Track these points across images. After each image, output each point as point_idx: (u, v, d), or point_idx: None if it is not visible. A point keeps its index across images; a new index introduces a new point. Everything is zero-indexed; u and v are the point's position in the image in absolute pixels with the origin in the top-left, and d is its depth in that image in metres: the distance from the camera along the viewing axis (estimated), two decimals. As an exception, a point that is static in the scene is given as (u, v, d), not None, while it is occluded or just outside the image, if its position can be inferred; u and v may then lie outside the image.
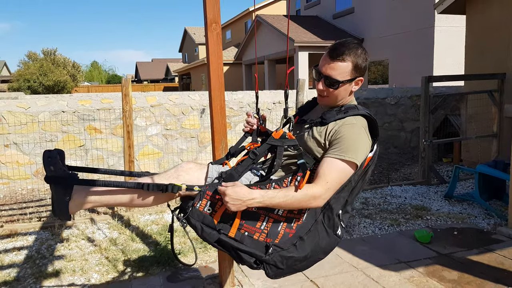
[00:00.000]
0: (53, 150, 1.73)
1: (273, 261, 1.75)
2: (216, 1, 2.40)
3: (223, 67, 2.46)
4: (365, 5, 14.59)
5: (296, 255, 1.76)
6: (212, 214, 1.72)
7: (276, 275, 1.81)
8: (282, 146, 1.76)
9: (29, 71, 22.62)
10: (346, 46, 1.75)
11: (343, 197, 1.79)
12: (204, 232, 1.73)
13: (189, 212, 1.73)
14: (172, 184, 1.70)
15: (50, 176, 1.70)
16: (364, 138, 1.75)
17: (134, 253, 3.56)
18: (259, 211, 1.72)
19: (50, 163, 1.70)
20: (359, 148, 1.71)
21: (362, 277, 3.07)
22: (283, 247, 1.75)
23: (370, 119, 1.81)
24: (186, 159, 6.86)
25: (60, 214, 1.74)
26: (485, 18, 6.24)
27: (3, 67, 42.22)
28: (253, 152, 1.77)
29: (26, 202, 5.31)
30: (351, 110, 1.79)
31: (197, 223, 1.73)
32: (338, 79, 1.75)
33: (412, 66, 12.16)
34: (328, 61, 1.76)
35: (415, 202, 4.91)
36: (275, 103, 7.19)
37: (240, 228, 1.72)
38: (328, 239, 1.82)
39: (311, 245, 1.78)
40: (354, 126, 1.73)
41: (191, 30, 37.93)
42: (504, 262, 3.26)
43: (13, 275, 3.22)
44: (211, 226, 1.72)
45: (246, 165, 1.77)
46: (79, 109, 6.20)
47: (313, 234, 1.78)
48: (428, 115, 5.64)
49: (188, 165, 1.86)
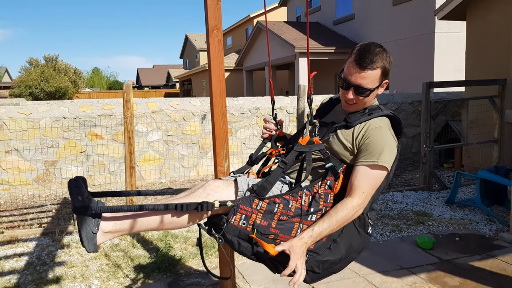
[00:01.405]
0: (78, 179, 1.65)
1: (310, 266, 1.74)
2: (217, 7, 2.41)
3: (224, 73, 2.47)
4: (366, 12, 14.66)
5: (332, 258, 1.76)
6: (248, 227, 1.70)
7: (313, 280, 1.81)
8: (310, 152, 1.75)
9: (31, 77, 22.70)
10: (373, 52, 1.73)
11: (372, 197, 1.81)
12: (241, 246, 1.72)
13: (224, 228, 1.71)
14: (206, 202, 1.66)
15: (79, 207, 1.59)
16: (392, 140, 1.77)
17: (135, 259, 3.55)
18: (293, 219, 1.71)
19: (78, 193, 1.60)
20: (388, 152, 1.73)
21: (364, 284, 3.05)
22: (318, 252, 1.74)
23: (394, 118, 1.84)
24: (187, 165, 6.86)
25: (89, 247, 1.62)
26: (485, 24, 6.26)
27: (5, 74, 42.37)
28: (282, 161, 1.76)
29: (27, 208, 5.30)
30: (375, 111, 1.80)
31: (233, 238, 1.71)
32: (369, 87, 1.76)
33: (412, 72, 12.17)
34: (358, 70, 1.74)
35: (416, 208, 4.89)
36: (276, 109, 7.20)
37: (275, 239, 1.71)
38: (360, 238, 1.83)
39: (345, 247, 1.78)
40: (381, 129, 1.75)
41: (192, 37, 38.09)
42: (507, 268, 3.25)
43: (13, 281, 3.20)
44: (248, 240, 1.71)
45: (277, 174, 1.75)
46: (80, 115, 6.21)
47: (346, 236, 1.78)
48: (429, 120, 5.64)
49: (216, 183, 1.80)
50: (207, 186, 1.78)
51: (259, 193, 1.71)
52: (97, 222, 1.62)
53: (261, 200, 1.71)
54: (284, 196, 1.72)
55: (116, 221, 1.68)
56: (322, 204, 1.73)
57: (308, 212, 1.72)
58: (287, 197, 1.72)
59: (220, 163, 2.55)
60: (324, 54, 15.00)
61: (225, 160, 2.56)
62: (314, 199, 1.73)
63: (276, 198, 1.72)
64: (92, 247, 1.61)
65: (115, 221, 1.68)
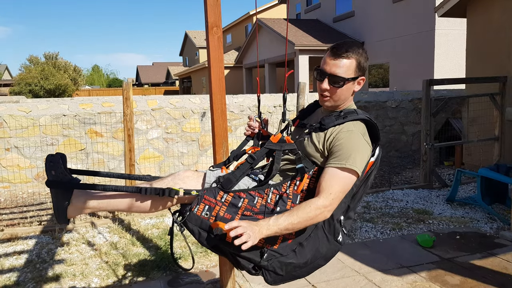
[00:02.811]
0: (56, 155, 1.73)
1: (272, 267, 1.73)
2: (217, 5, 2.39)
3: (224, 70, 2.46)
4: (365, 9, 14.61)
5: (296, 261, 1.74)
6: (210, 218, 1.70)
7: (275, 281, 1.79)
8: (280, 150, 1.74)
9: (31, 75, 22.67)
10: (349, 44, 1.75)
11: (344, 203, 1.77)
12: (201, 236, 1.72)
13: (186, 217, 1.71)
14: (170, 188, 1.69)
15: (51, 181, 1.70)
16: (363, 145, 1.72)
17: (134, 257, 3.54)
18: (257, 216, 1.70)
19: (52, 168, 1.70)
20: (358, 155, 1.69)
21: (364, 282, 3.05)
22: (282, 253, 1.72)
23: (370, 123, 1.79)
24: (187, 162, 6.85)
25: (59, 219, 1.75)
26: (486, 21, 6.24)
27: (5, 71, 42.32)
28: (250, 156, 1.76)
29: (27, 206, 5.29)
30: (350, 115, 1.77)
31: (194, 228, 1.72)
32: (343, 76, 1.74)
33: (412, 69, 12.16)
34: (332, 58, 1.75)
35: (417, 206, 4.89)
36: (276, 107, 7.18)
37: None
38: (328, 245, 1.79)
39: (311, 251, 1.76)
40: (352, 133, 1.71)
41: (192, 34, 38.01)
42: (508, 267, 3.24)
43: (13, 279, 3.20)
44: (209, 231, 1.71)
45: (244, 169, 1.75)
46: (80, 113, 6.20)
47: (313, 240, 1.75)
48: (430, 118, 5.63)
49: (186, 173, 1.82)
50: (177, 175, 1.82)
51: (225, 185, 1.71)
52: (69, 196, 1.72)
53: (226, 193, 1.71)
54: (250, 192, 1.71)
55: (86, 197, 1.76)
56: (290, 205, 1.71)
57: (273, 210, 1.70)
58: (253, 193, 1.71)
59: (219, 161, 2.54)
60: (324, 52, 14.90)
61: (225, 157, 2.55)
62: (281, 199, 1.71)
63: (241, 193, 1.71)
64: (63, 219, 1.74)
65: (86, 197, 1.76)
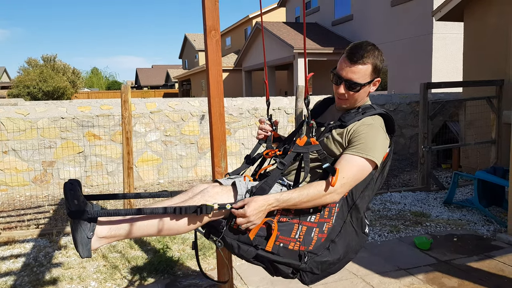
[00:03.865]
0: (74, 182, 1.59)
1: (310, 268, 1.74)
2: (215, 8, 2.41)
3: (222, 74, 2.47)
4: (364, 13, 14.67)
5: (330, 259, 1.76)
6: (247, 230, 1.69)
7: (312, 281, 1.81)
8: (307, 152, 1.75)
9: (29, 77, 22.65)
10: (364, 48, 1.77)
11: (368, 196, 1.81)
12: (241, 249, 1.70)
13: (224, 232, 1.69)
14: (205, 205, 1.63)
15: (75, 211, 1.54)
16: (382, 137, 1.77)
17: (132, 261, 3.54)
18: (293, 221, 1.71)
19: (74, 197, 1.54)
20: (378, 147, 1.73)
21: (362, 285, 3.05)
22: (317, 253, 1.74)
23: (387, 116, 1.84)
24: (186, 165, 6.85)
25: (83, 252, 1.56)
26: (483, 24, 6.27)
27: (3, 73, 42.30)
28: (280, 162, 1.75)
29: (24, 209, 5.29)
30: (369, 110, 1.82)
31: (233, 242, 1.70)
32: (359, 82, 1.77)
33: (410, 73, 12.19)
34: (348, 64, 1.77)
35: (414, 208, 4.90)
36: (275, 110, 7.20)
37: (275, 241, 1.70)
38: (357, 238, 1.83)
39: (343, 247, 1.78)
40: (372, 126, 1.76)
41: (191, 37, 38.07)
42: (504, 269, 3.25)
43: (10, 283, 3.19)
44: (247, 242, 1.70)
45: (276, 176, 1.74)
46: (79, 116, 6.20)
47: (344, 236, 1.78)
48: (427, 121, 5.65)
49: (214, 190, 1.76)
50: (206, 192, 1.73)
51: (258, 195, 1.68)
52: (93, 226, 1.57)
53: None
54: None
55: (111, 226, 1.63)
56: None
57: (307, 212, 1.71)
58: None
59: (218, 164, 2.55)
60: (323, 55, 15.01)
61: (223, 160, 2.56)
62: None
63: None
64: (87, 253, 1.56)
65: (111, 226, 1.63)
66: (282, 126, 7.08)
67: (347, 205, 1.77)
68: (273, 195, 1.65)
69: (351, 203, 1.77)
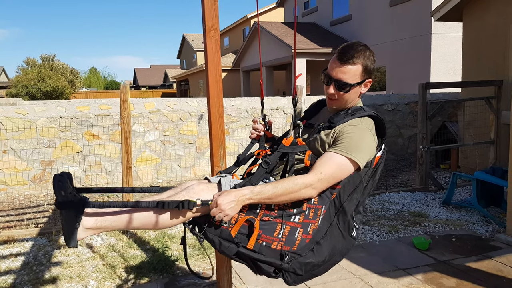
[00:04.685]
0: (63, 174, 1.65)
1: (292, 268, 1.73)
2: (214, 8, 2.41)
3: (221, 73, 2.47)
4: (362, 13, 14.69)
5: (314, 260, 1.75)
6: (229, 227, 1.70)
7: (295, 281, 1.80)
8: (293, 152, 1.76)
9: (28, 77, 22.62)
10: (355, 49, 1.76)
11: (356, 199, 1.80)
12: (223, 246, 1.71)
13: (205, 227, 1.71)
14: (188, 200, 1.66)
15: (62, 202, 1.61)
16: (368, 139, 1.74)
17: (131, 260, 3.54)
18: (276, 220, 1.71)
19: (61, 188, 1.61)
20: (362, 148, 1.71)
21: (360, 284, 3.06)
22: (301, 254, 1.73)
23: (377, 119, 1.82)
24: (184, 165, 6.85)
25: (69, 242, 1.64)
26: (482, 25, 6.29)
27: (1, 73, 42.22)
28: (265, 161, 1.76)
29: (24, 208, 5.28)
30: (358, 112, 1.80)
31: (215, 238, 1.72)
32: (349, 82, 1.76)
33: (409, 73, 12.21)
34: (338, 64, 1.77)
35: (413, 208, 4.91)
36: (273, 109, 7.20)
37: (258, 239, 1.71)
38: (344, 241, 1.82)
39: (328, 249, 1.77)
40: (358, 127, 1.74)
41: (189, 37, 38.05)
42: (503, 269, 3.26)
43: (9, 281, 3.19)
44: (229, 239, 1.71)
45: (260, 175, 1.76)
46: (77, 115, 6.20)
47: (329, 238, 1.77)
48: (426, 121, 5.66)
49: (200, 187, 1.79)
50: (191, 188, 1.77)
51: None
52: (79, 217, 1.63)
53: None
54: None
55: (97, 218, 1.69)
56: (306, 206, 1.72)
57: (290, 213, 1.71)
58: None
59: (217, 164, 2.56)
60: (321, 55, 15.02)
61: (222, 160, 2.56)
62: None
63: None
64: (73, 242, 1.63)
65: (97, 218, 1.68)
66: (281, 126, 7.09)
67: (335, 207, 1.76)
68: (247, 187, 1.65)
69: (338, 205, 1.76)
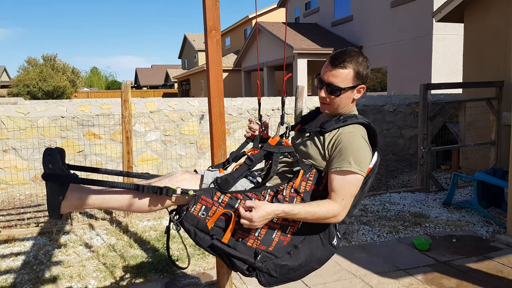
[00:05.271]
0: (55, 149, 1.70)
1: (266, 268, 1.74)
2: (215, 8, 2.41)
3: (222, 73, 2.47)
4: (364, 13, 14.69)
5: (290, 264, 1.75)
6: (207, 219, 1.71)
7: (269, 283, 1.80)
8: (278, 152, 1.77)
9: (29, 76, 22.67)
10: (347, 54, 1.77)
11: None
12: (197, 236, 1.73)
13: (183, 216, 1.72)
14: (167, 187, 1.70)
15: (48, 174, 1.67)
16: (365, 147, 1.75)
17: (132, 259, 3.55)
18: None
19: (50, 161, 1.67)
20: (363, 158, 1.72)
21: (361, 285, 3.06)
22: (277, 255, 1.74)
23: (369, 128, 1.81)
24: (185, 165, 6.86)
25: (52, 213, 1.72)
26: (483, 26, 6.28)
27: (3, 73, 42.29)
28: (248, 158, 1.79)
29: (24, 208, 5.29)
30: (350, 119, 1.79)
31: (190, 227, 1.73)
32: (340, 86, 1.76)
33: (410, 74, 12.21)
34: (330, 68, 1.78)
35: (413, 209, 4.91)
36: (274, 110, 7.20)
37: (234, 234, 1.72)
38: (323, 248, 1.82)
39: (305, 254, 1.77)
40: (353, 135, 1.73)
41: (191, 37, 38.08)
42: (503, 270, 3.26)
43: (10, 281, 3.20)
44: (205, 231, 1.72)
45: (242, 170, 1.77)
46: (78, 115, 6.21)
47: (308, 243, 1.78)
48: (427, 122, 5.66)
49: (183, 176, 1.83)
50: (174, 176, 1.82)
51: (222, 186, 1.73)
52: (64, 191, 1.69)
53: (223, 194, 1.72)
54: (247, 193, 1.73)
55: (81, 194, 1.73)
56: None
57: None
58: (250, 195, 1.73)
59: (218, 163, 2.56)
60: (322, 56, 15.01)
61: (223, 160, 2.56)
62: (278, 200, 1.73)
63: (238, 194, 1.73)
64: (56, 214, 1.70)
65: (81, 194, 1.73)
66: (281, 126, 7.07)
67: None
68: (283, 207, 1.65)
69: None
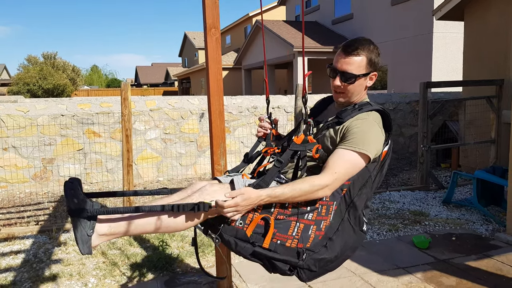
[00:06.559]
0: (74, 181, 1.63)
1: (307, 265, 1.75)
2: (215, 6, 2.41)
3: (222, 72, 2.47)
4: (364, 11, 14.66)
5: (327, 256, 1.77)
6: (244, 227, 1.70)
7: (309, 278, 1.81)
8: (305, 150, 1.77)
9: (29, 74, 22.67)
10: (359, 42, 1.81)
11: (365, 193, 1.81)
12: (238, 246, 1.71)
13: (221, 229, 1.71)
14: (203, 202, 1.65)
15: (75, 209, 1.56)
16: (377, 132, 1.77)
17: (131, 258, 3.55)
18: (290, 219, 1.72)
19: (74, 196, 1.57)
20: (371, 141, 1.74)
21: (360, 283, 3.06)
22: (314, 250, 1.75)
23: (384, 113, 1.84)
24: (185, 163, 6.86)
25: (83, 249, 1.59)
26: (483, 24, 6.27)
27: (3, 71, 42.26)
28: (278, 160, 1.76)
29: (24, 206, 5.29)
30: (365, 106, 1.83)
31: (230, 238, 1.71)
32: (354, 73, 1.80)
33: (410, 72, 12.19)
34: (343, 56, 1.81)
35: (413, 207, 4.91)
36: (274, 108, 7.20)
37: (272, 238, 1.71)
38: (355, 236, 1.84)
39: (340, 244, 1.79)
40: (366, 121, 1.77)
41: (191, 35, 38.03)
42: (502, 268, 3.26)
43: (9, 279, 3.20)
44: (244, 239, 1.71)
45: (273, 174, 1.75)
46: (78, 113, 6.20)
47: (341, 233, 1.79)
48: (427, 120, 5.65)
49: (213, 188, 1.77)
50: (204, 190, 1.76)
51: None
52: (92, 224, 1.59)
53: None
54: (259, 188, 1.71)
55: (111, 223, 1.65)
56: (318, 203, 1.73)
57: (304, 210, 1.72)
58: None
59: (217, 162, 2.56)
60: (323, 54, 15.00)
61: (222, 158, 2.57)
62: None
63: None
64: (87, 250, 1.59)
65: (110, 223, 1.65)
66: (282, 125, 7.08)
67: (345, 203, 1.78)
68: (265, 191, 1.66)
69: (349, 201, 1.78)
